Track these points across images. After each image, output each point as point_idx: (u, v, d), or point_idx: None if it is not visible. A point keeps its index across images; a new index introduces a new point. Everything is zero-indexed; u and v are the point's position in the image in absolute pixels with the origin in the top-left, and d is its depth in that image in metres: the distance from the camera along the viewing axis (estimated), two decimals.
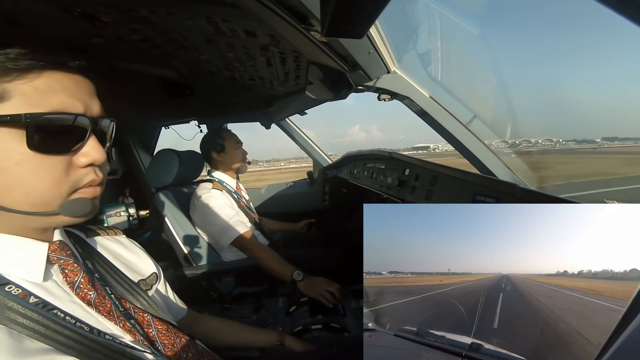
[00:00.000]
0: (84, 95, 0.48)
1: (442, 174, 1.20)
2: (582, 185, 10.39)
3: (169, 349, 0.56)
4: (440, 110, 1.33)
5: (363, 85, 1.25)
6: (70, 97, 0.45)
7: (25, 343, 0.41)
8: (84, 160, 0.47)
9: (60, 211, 0.45)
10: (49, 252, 0.49)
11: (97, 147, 0.48)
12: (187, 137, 2.39)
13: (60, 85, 0.45)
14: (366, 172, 1.94)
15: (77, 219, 0.48)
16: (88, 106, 0.48)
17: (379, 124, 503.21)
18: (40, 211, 0.45)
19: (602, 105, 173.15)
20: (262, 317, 1.39)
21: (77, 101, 0.46)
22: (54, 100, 0.43)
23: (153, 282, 0.70)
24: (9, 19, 0.81)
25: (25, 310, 0.43)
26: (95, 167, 0.49)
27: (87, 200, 0.47)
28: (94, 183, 0.49)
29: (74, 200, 0.46)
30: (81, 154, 0.47)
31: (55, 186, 0.44)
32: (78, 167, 0.47)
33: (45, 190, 0.44)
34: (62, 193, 0.45)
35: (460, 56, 1.53)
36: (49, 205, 0.45)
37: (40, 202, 0.44)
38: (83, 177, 0.47)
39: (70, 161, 0.46)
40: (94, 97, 0.50)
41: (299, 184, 2.91)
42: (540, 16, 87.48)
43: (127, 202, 2.38)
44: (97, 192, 0.50)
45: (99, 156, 0.48)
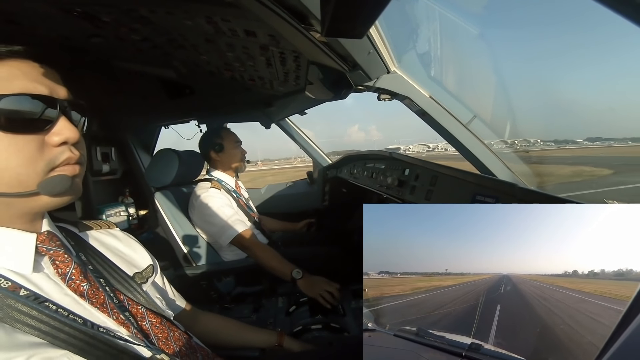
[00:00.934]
0: (47, 79, 0.49)
1: (442, 174, 1.20)
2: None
3: (162, 342, 0.57)
4: (440, 110, 1.33)
5: (363, 85, 1.25)
6: (32, 82, 0.47)
7: (16, 336, 0.41)
8: (56, 139, 0.47)
9: (38, 189, 0.45)
10: (37, 243, 0.49)
11: (68, 126, 0.48)
12: (186, 137, 2.40)
13: (20, 71, 0.46)
14: (366, 172, 1.94)
15: (59, 198, 0.48)
16: (53, 89, 0.49)
17: (361, 125, 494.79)
18: (17, 191, 0.45)
19: (599, 106, 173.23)
20: (261, 317, 1.39)
21: (40, 85, 0.47)
22: (15, 85, 0.45)
23: (149, 275, 0.70)
24: (8, 19, 0.81)
25: (16, 303, 0.43)
26: (70, 145, 0.49)
27: (65, 177, 0.48)
28: (71, 161, 0.49)
29: (51, 177, 0.47)
30: (53, 132, 0.47)
31: (29, 164, 0.45)
32: (52, 147, 0.47)
33: (19, 168, 0.44)
34: (38, 171, 0.46)
35: (460, 56, 1.54)
36: (26, 184, 0.45)
37: (16, 181, 0.44)
38: (58, 154, 0.48)
39: (42, 140, 0.47)
40: (59, 82, 0.51)
41: (298, 184, 2.91)
42: (540, 16, 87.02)
43: (127, 201, 2.38)
44: (77, 170, 0.50)
45: (72, 134, 0.48)
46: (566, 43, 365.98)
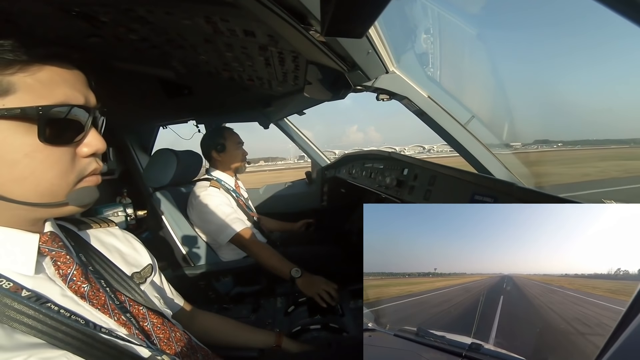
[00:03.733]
0: (82, 86, 0.49)
1: (440, 174, 1.20)
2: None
3: (164, 343, 0.56)
4: (439, 110, 1.33)
5: (362, 85, 1.25)
6: (71, 89, 0.46)
7: (17, 337, 0.41)
8: (86, 150, 0.48)
9: (68, 200, 0.46)
10: (40, 244, 0.48)
11: (98, 137, 0.50)
12: (185, 137, 2.39)
13: (61, 77, 0.46)
14: (365, 172, 1.93)
15: (82, 208, 0.49)
16: (86, 97, 0.49)
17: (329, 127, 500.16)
18: (48, 202, 0.45)
19: (595, 106, 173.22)
20: (260, 317, 1.38)
21: (78, 93, 0.47)
22: (58, 93, 0.45)
23: (148, 275, 0.70)
24: (6, 19, 0.80)
25: (17, 304, 0.42)
26: (96, 156, 0.50)
27: (92, 189, 0.49)
28: (96, 172, 0.50)
29: (81, 189, 0.48)
30: (84, 144, 0.48)
31: (63, 176, 0.46)
32: (81, 157, 0.48)
33: (54, 180, 0.45)
34: (70, 183, 0.46)
35: (458, 57, 1.54)
36: (57, 195, 0.46)
37: (49, 192, 0.45)
38: (87, 166, 0.49)
39: (74, 152, 0.47)
40: (89, 89, 0.51)
41: (297, 184, 2.91)
42: (539, 17, 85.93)
43: (125, 202, 2.37)
44: (99, 181, 0.52)
45: (101, 145, 0.50)
46: (567, 44, 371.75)
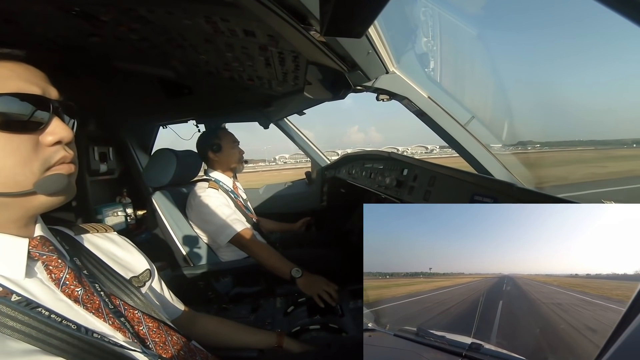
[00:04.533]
0: (39, 80, 0.50)
1: (440, 174, 1.20)
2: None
3: (160, 347, 0.56)
4: (439, 111, 1.33)
5: (362, 86, 1.25)
6: (25, 82, 0.47)
7: (7, 344, 0.40)
8: (50, 138, 0.48)
9: (35, 188, 0.46)
10: (30, 248, 0.48)
11: (61, 125, 0.49)
12: (185, 137, 2.39)
13: (13, 72, 0.47)
14: (364, 173, 1.94)
15: (55, 198, 0.48)
16: (45, 90, 0.50)
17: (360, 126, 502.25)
18: (13, 191, 0.45)
19: (598, 107, 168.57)
20: (260, 317, 1.38)
21: (33, 85, 0.48)
22: (9, 85, 0.46)
23: (146, 279, 0.70)
24: (6, 18, 0.80)
25: (7, 309, 0.42)
26: (64, 145, 0.50)
27: (61, 175, 0.48)
28: (66, 160, 0.50)
29: (47, 176, 0.47)
30: (47, 132, 0.48)
31: (25, 164, 0.45)
32: (46, 146, 0.48)
33: (15, 168, 0.45)
34: (34, 171, 0.46)
35: (458, 57, 1.54)
36: (22, 183, 0.45)
37: (12, 180, 0.45)
38: (53, 154, 0.48)
39: (37, 140, 0.47)
40: (50, 83, 0.52)
41: (297, 184, 2.91)
42: (540, 17, 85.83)
43: (125, 202, 2.37)
44: (72, 169, 0.51)
45: (65, 133, 0.49)
46: (567, 45, 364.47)
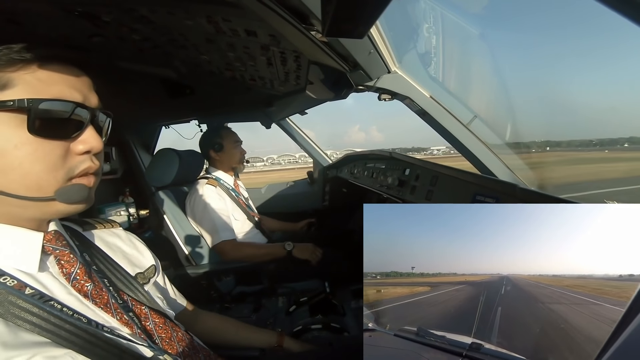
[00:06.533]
0: (82, 87, 0.49)
1: (442, 174, 1.20)
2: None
3: (166, 343, 0.57)
4: (441, 110, 1.33)
5: (363, 85, 1.25)
6: (69, 88, 0.47)
7: (21, 335, 0.41)
8: (81, 147, 0.48)
9: (55, 196, 0.46)
10: (44, 242, 0.49)
11: (94, 135, 0.49)
12: (187, 137, 2.40)
13: (59, 76, 0.47)
14: (366, 172, 1.94)
15: (73, 206, 0.48)
16: (86, 97, 0.50)
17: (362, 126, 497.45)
18: (35, 196, 0.45)
19: (603, 106, 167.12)
20: (262, 316, 1.39)
21: (76, 91, 0.48)
22: (54, 89, 0.46)
23: (151, 275, 0.71)
24: (9, 19, 0.81)
25: (21, 301, 0.43)
26: (91, 155, 0.50)
27: (83, 187, 0.48)
28: (90, 170, 0.50)
29: (69, 186, 0.47)
30: (79, 141, 0.48)
31: (51, 171, 0.45)
32: (75, 155, 0.48)
33: (42, 174, 0.45)
34: (58, 179, 0.46)
35: (460, 56, 1.53)
36: (45, 189, 0.45)
37: (36, 186, 0.45)
38: (79, 164, 0.48)
39: (68, 148, 0.47)
40: (92, 90, 0.52)
41: (299, 184, 2.91)
42: (541, 18, 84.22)
43: (127, 201, 2.38)
44: (92, 182, 0.51)
45: (97, 144, 0.49)
46: (572, 45, 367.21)
